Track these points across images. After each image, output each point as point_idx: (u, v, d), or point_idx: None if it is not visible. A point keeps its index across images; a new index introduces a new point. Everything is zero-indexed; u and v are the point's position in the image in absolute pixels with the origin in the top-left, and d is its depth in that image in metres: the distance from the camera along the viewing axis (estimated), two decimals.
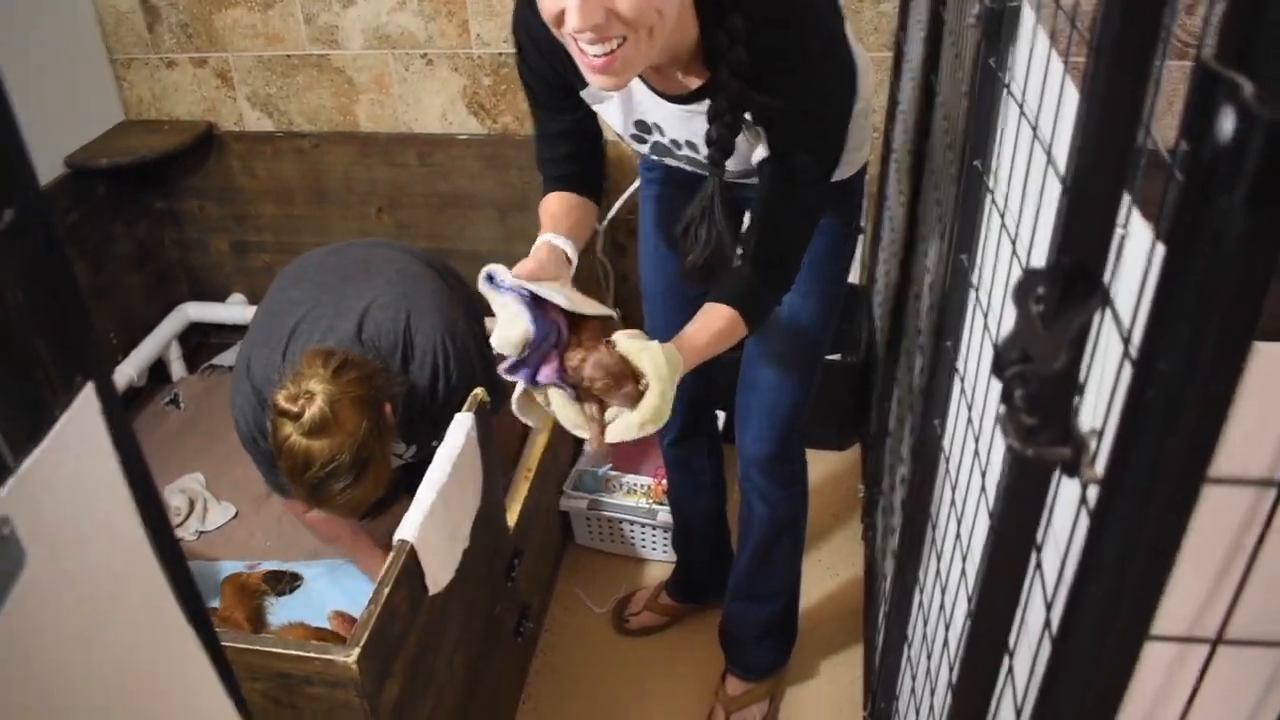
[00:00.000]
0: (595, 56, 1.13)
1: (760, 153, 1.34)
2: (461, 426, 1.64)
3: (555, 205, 1.47)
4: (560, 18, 1.11)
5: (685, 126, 1.37)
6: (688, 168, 1.53)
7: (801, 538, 1.94)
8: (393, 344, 1.83)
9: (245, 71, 2.80)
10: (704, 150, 1.32)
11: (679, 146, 1.43)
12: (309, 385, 1.63)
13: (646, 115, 1.40)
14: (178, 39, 2.78)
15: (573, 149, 1.48)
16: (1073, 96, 0.78)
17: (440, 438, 2.06)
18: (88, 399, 0.52)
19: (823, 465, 2.65)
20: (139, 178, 2.87)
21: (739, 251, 1.37)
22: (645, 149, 1.50)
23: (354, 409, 1.65)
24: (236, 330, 3.09)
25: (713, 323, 1.37)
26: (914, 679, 1.43)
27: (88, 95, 2.81)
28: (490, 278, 1.28)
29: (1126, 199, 0.54)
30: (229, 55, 2.78)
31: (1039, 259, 0.85)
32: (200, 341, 3.16)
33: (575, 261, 1.40)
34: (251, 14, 2.70)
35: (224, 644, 0.69)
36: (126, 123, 2.92)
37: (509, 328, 1.25)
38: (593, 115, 1.47)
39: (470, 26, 2.59)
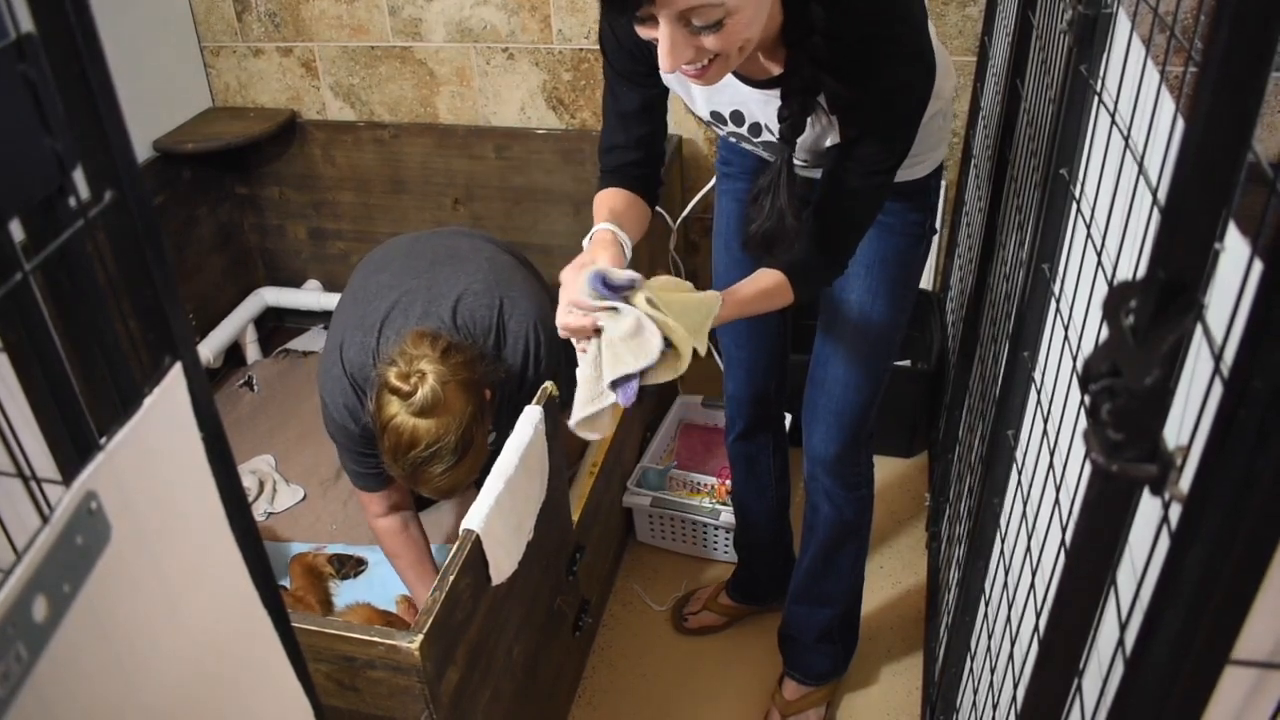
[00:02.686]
0: (687, 71, 1.17)
1: (831, 139, 1.35)
2: (530, 419, 1.65)
3: (614, 199, 1.45)
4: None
5: (765, 110, 1.38)
6: (766, 155, 1.53)
7: (866, 543, 1.93)
8: (486, 330, 1.84)
9: (329, 61, 2.84)
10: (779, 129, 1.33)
11: (758, 133, 1.43)
12: (420, 365, 1.65)
13: (727, 104, 1.40)
14: (265, 28, 2.83)
15: (643, 134, 1.47)
16: (1168, 106, 0.76)
17: None
18: (175, 379, 0.53)
19: (889, 472, 2.62)
20: (223, 163, 2.93)
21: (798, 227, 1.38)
22: (724, 131, 1.51)
23: (461, 392, 1.67)
24: (311, 315, 3.15)
25: (762, 281, 1.38)
26: (975, 693, 1.41)
27: (177, 81, 2.88)
28: (604, 280, 1.19)
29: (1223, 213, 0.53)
30: (314, 45, 2.83)
31: (1126, 270, 0.83)
32: (275, 325, 3.22)
33: (630, 258, 1.37)
34: (337, 5, 2.74)
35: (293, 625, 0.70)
36: (213, 109, 2.98)
37: (649, 340, 1.18)
38: (663, 97, 1.46)
39: (552, 22, 2.60)
